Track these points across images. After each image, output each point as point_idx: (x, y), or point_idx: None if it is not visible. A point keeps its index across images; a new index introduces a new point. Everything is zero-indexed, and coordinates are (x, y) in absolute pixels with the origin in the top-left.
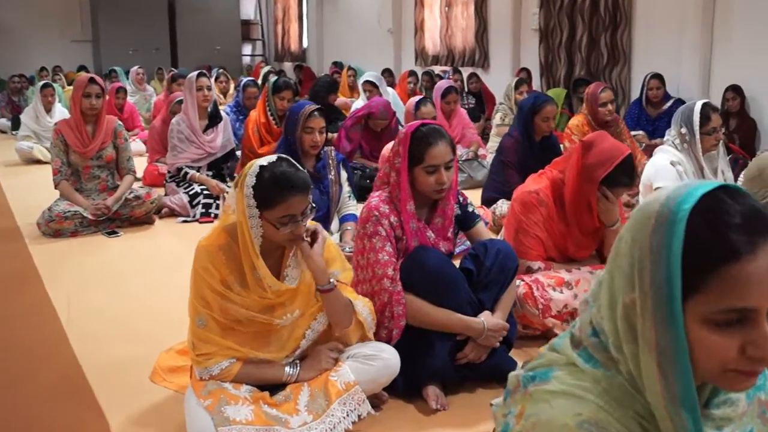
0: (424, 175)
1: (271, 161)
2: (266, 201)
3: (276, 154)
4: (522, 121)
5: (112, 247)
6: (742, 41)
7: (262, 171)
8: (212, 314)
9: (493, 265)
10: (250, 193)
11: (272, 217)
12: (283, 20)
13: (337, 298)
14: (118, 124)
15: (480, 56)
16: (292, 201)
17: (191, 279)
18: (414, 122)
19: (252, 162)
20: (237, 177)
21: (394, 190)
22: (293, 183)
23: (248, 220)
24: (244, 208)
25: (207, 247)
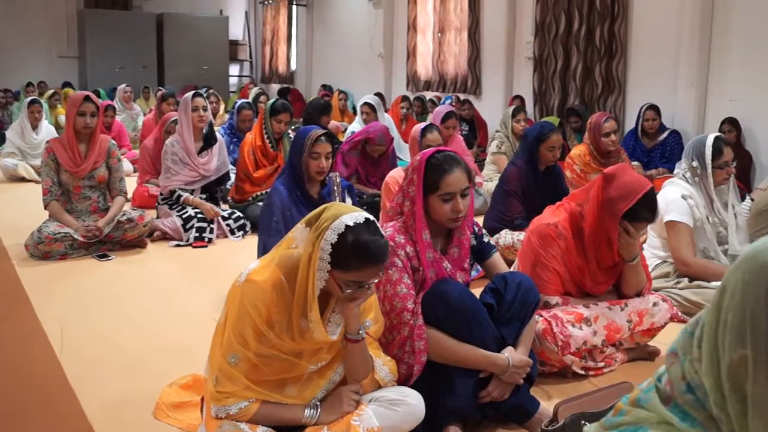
0: (440, 203)
1: (357, 222)
2: (342, 263)
3: (362, 214)
4: (527, 149)
5: (104, 271)
6: (738, 74)
7: (347, 232)
8: (247, 353)
9: (514, 299)
10: (328, 248)
11: (341, 278)
12: (272, 41)
13: (360, 351)
14: (111, 144)
15: (472, 83)
16: (367, 271)
17: (233, 312)
18: (429, 149)
19: (336, 212)
20: (314, 217)
21: (409, 220)
22: (375, 256)
23: (316, 272)
24: (316, 258)
25: (261, 284)
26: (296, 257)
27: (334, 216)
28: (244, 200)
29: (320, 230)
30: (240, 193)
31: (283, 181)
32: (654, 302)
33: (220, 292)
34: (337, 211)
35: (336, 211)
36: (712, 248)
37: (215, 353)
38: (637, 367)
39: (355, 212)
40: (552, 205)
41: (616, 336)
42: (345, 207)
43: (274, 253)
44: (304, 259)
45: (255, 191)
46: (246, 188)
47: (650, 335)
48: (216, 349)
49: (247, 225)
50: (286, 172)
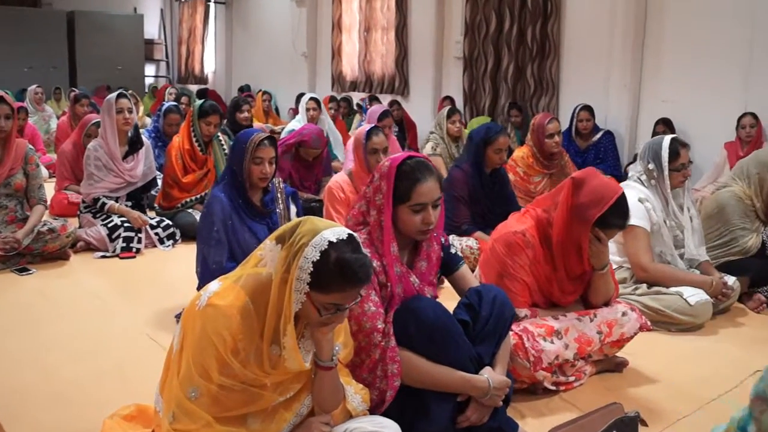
0: (410, 214)
1: (340, 238)
2: (323, 284)
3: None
4: (473, 152)
5: (24, 287)
6: (671, 75)
7: (330, 250)
8: (210, 386)
9: (490, 314)
10: (308, 267)
11: (320, 301)
12: (188, 41)
13: (332, 379)
14: (29, 149)
15: (400, 83)
16: (350, 293)
17: (193, 341)
18: (398, 155)
19: (314, 227)
20: (287, 232)
21: (375, 231)
22: (359, 277)
23: (293, 294)
24: (293, 279)
25: (224, 309)
26: (265, 277)
27: (313, 231)
28: (173, 207)
29: (297, 247)
30: (168, 200)
31: (222, 188)
32: (623, 312)
33: (154, 308)
34: (315, 225)
35: (313, 226)
36: (669, 252)
37: (170, 385)
38: (605, 379)
39: (336, 227)
40: (517, 212)
41: (588, 348)
42: (322, 221)
43: (237, 272)
44: (276, 280)
45: (184, 197)
46: (174, 194)
47: (619, 346)
48: (172, 380)
49: (177, 233)
50: (225, 178)
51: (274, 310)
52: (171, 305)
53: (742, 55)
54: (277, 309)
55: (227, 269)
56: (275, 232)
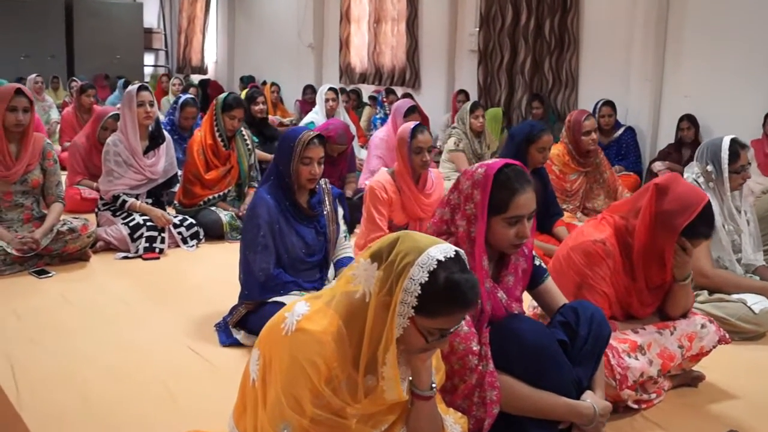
0: (504, 226)
1: (448, 256)
2: (429, 308)
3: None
4: (514, 150)
5: (44, 291)
6: (694, 69)
7: (439, 270)
8: (302, 421)
9: (588, 334)
10: (415, 290)
11: (424, 325)
12: (187, 30)
13: (430, 409)
14: (46, 143)
15: (411, 75)
16: (457, 317)
17: (281, 370)
18: (493, 162)
19: (415, 243)
20: (384, 249)
21: (463, 243)
22: (469, 299)
23: (395, 318)
24: (396, 303)
25: (318, 336)
26: (359, 300)
27: (417, 249)
28: (194, 204)
29: (401, 267)
30: (189, 197)
31: (268, 190)
32: (701, 324)
33: (188, 315)
34: (416, 242)
35: (415, 243)
36: (727, 257)
37: (252, 419)
38: (683, 395)
39: (440, 243)
40: (592, 219)
41: (671, 364)
42: (421, 236)
43: (327, 293)
44: (375, 303)
45: (206, 195)
46: (196, 191)
47: (697, 360)
48: (255, 414)
49: (201, 233)
50: (271, 179)
51: (372, 337)
52: (206, 312)
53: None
54: (375, 335)
55: (274, 276)
56: (368, 249)
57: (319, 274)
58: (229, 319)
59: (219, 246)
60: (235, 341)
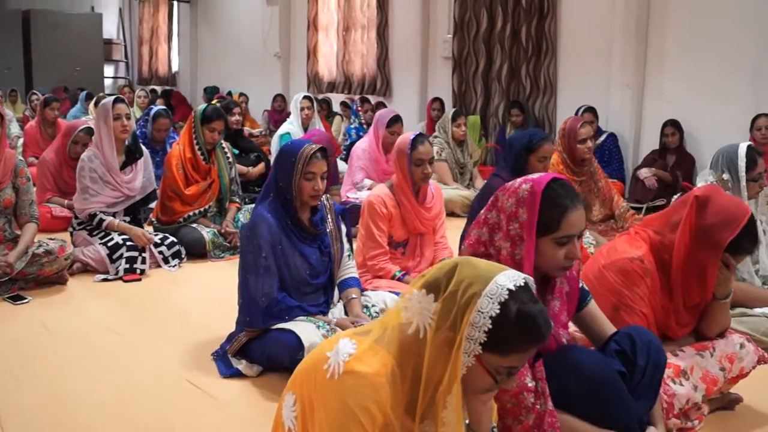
0: (553, 247)
1: (518, 285)
2: (500, 344)
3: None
4: (513, 160)
5: (22, 319)
6: (676, 74)
7: (510, 302)
8: None
9: (646, 364)
10: (485, 324)
11: (492, 363)
12: (151, 40)
13: None
14: (19, 161)
15: (382, 84)
16: (528, 353)
17: (330, 418)
18: (539, 176)
19: (477, 270)
20: (442, 278)
21: (508, 266)
22: (544, 332)
23: (460, 357)
24: (462, 339)
25: (371, 378)
26: (412, 336)
27: (482, 277)
28: (174, 221)
29: (466, 298)
30: (168, 214)
31: (268, 207)
32: (740, 344)
33: (181, 343)
34: (478, 268)
35: (477, 269)
36: (746, 269)
37: None
38: (722, 419)
39: (506, 270)
40: (624, 233)
41: (714, 388)
42: (481, 262)
43: (376, 328)
44: (434, 340)
45: (186, 211)
46: (175, 208)
47: (735, 382)
48: None
49: (183, 251)
50: (270, 195)
51: (430, 378)
52: (199, 339)
53: (751, 52)
54: (433, 376)
55: (278, 301)
56: (421, 278)
57: (323, 297)
58: (228, 347)
59: (202, 265)
60: (236, 372)
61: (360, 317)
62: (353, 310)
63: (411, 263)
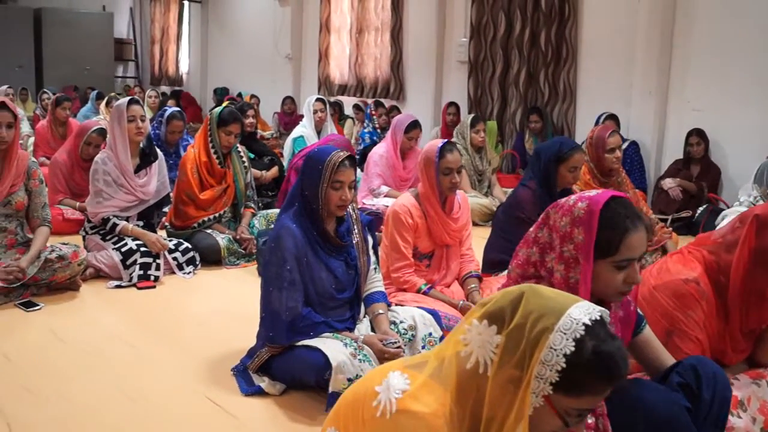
0: (611, 271)
1: (594, 318)
2: (573, 385)
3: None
4: (542, 170)
5: (34, 327)
6: (702, 81)
7: (586, 338)
8: None
9: (712, 398)
10: (559, 363)
11: (563, 405)
12: (161, 40)
13: None
14: (31, 162)
15: (395, 87)
16: (603, 394)
17: None
18: (596, 194)
19: (546, 302)
20: (507, 308)
21: (561, 290)
22: (621, 373)
23: (528, 398)
24: (531, 378)
25: (428, 420)
26: (471, 371)
27: (552, 309)
28: (187, 227)
29: (536, 332)
30: (182, 219)
31: (293, 217)
32: None
33: (198, 356)
34: (547, 299)
35: (546, 300)
36: None
37: None
38: None
39: (578, 302)
40: (675, 253)
41: None
42: (548, 291)
43: (431, 361)
44: (497, 377)
45: (200, 216)
46: (190, 213)
47: None
48: None
49: (197, 258)
50: (295, 204)
51: (492, 419)
52: (217, 352)
53: None
54: (496, 417)
55: (303, 316)
56: (481, 308)
57: (349, 312)
58: (249, 363)
59: (217, 272)
60: (258, 389)
61: (388, 334)
62: (381, 327)
63: (436, 276)
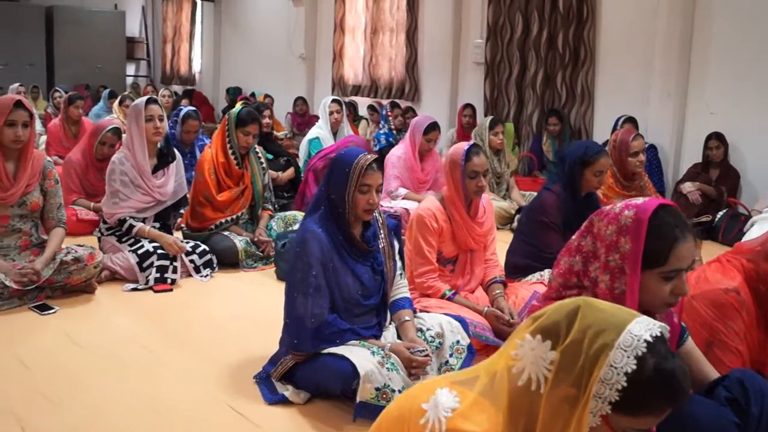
0: (658, 282)
1: (654, 335)
2: (633, 404)
3: (648, 319)
4: (567, 173)
5: (49, 331)
6: (721, 85)
7: (647, 356)
8: None
9: (761, 413)
10: (619, 382)
11: (622, 425)
12: (173, 39)
13: None
14: (47, 161)
15: (410, 88)
16: (664, 414)
17: None
18: (642, 202)
19: (605, 315)
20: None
21: (606, 300)
22: (683, 392)
23: (585, 418)
24: (589, 398)
25: None
26: (523, 388)
27: (611, 324)
28: (204, 228)
29: (595, 349)
30: (198, 221)
31: (318, 221)
32: None
33: (215, 360)
34: (605, 312)
35: (603, 314)
36: None
37: None
38: None
39: (638, 317)
40: (713, 261)
41: None
42: (606, 305)
43: (481, 376)
44: (551, 396)
45: (218, 218)
46: (207, 214)
47: None
48: None
49: (214, 260)
50: (321, 208)
51: None
52: (237, 358)
53: None
54: None
55: (329, 323)
56: (533, 322)
57: (375, 319)
58: (273, 371)
59: (234, 275)
60: (282, 398)
61: (415, 342)
62: (407, 334)
63: (460, 281)
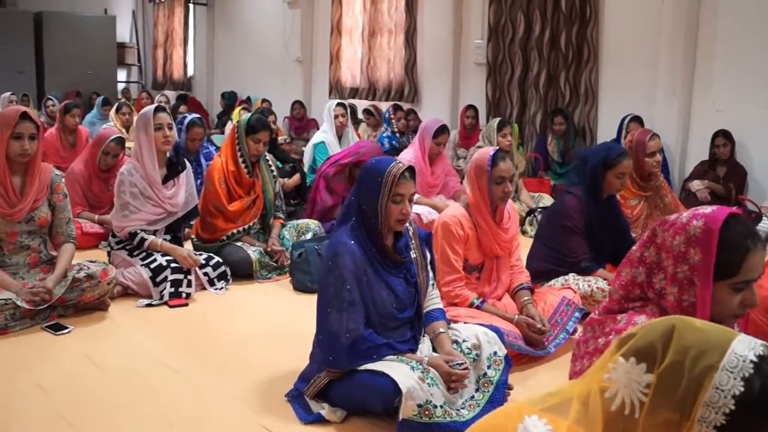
0: (729, 293)
1: (759, 354)
2: (739, 428)
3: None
4: (589, 176)
5: (65, 352)
6: (727, 82)
7: (754, 377)
8: None
9: None
10: (726, 405)
11: None
12: (165, 44)
13: None
14: (54, 175)
15: (410, 90)
16: None
17: None
18: (711, 211)
19: (707, 335)
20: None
21: (674, 313)
22: None
23: None
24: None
25: None
26: (617, 413)
27: (713, 344)
28: (215, 239)
29: (698, 371)
30: (209, 232)
31: (350, 233)
32: None
33: (242, 378)
34: (703, 332)
35: (702, 333)
36: None
37: None
38: None
39: (738, 336)
40: None
41: None
42: (703, 324)
43: (574, 403)
44: (651, 420)
45: (229, 228)
46: (218, 225)
47: None
48: None
49: (228, 273)
50: (352, 219)
51: None
52: (264, 375)
53: None
54: None
55: (365, 338)
56: (626, 343)
57: (410, 332)
58: (306, 389)
59: (249, 287)
60: (318, 417)
61: (452, 354)
62: (443, 347)
63: (487, 289)
